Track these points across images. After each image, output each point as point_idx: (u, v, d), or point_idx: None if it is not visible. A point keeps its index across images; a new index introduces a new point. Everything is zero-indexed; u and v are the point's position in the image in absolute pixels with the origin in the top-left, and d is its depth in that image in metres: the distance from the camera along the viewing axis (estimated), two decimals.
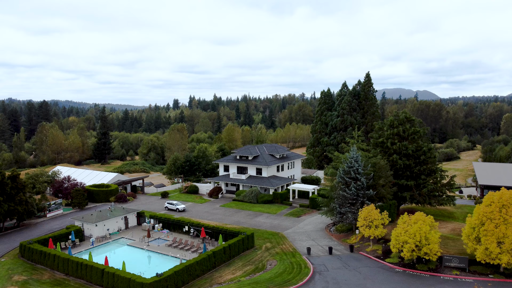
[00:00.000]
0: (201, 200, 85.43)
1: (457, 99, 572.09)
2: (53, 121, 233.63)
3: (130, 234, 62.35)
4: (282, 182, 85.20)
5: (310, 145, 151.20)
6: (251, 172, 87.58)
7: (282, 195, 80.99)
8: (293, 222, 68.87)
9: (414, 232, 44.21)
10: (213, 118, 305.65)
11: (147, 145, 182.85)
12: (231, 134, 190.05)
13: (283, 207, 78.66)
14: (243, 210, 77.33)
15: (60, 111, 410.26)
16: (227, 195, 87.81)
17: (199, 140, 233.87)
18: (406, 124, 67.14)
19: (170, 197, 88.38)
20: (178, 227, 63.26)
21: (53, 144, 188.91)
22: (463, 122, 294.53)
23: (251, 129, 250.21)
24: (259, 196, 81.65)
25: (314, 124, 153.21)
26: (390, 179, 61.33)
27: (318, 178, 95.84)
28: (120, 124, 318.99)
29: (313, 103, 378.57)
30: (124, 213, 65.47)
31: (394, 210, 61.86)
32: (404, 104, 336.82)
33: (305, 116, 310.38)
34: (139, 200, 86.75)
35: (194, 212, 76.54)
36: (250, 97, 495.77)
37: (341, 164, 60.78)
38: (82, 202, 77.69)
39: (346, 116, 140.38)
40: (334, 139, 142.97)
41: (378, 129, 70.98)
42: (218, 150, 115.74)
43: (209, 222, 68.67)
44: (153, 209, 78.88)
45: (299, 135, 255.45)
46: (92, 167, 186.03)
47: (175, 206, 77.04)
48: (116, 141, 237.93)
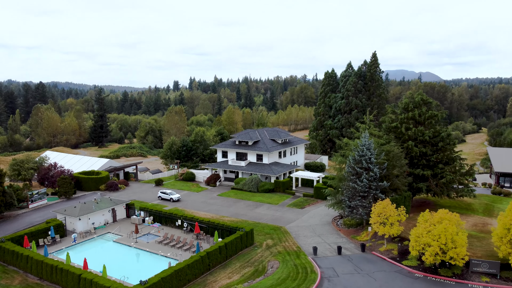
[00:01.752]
0: (198, 189, 79.12)
1: (460, 81, 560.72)
2: (49, 103, 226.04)
3: (117, 228, 56.17)
4: (284, 169, 78.69)
5: (313, 128, 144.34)
6: (251, 158, 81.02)
7: (284, 184, 74.57)
8: (296, 214, 62.62)
9: (438, 234, 37.78)
10: (213, 100, 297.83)
11: (145, 128, 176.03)
12: (231, 117, 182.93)
13: (285, 196, 72.33)
14: (242, 200, 71.05)
15: (59, 93, 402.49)
16: (225, 183, 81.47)
17: (199, 122, 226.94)
18: (422, 107, 60.12)
19: (164, 185, 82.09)
20: (171, 220, 57.05)
21: (48, 127, 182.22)
22: (468, 104, 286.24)
23: (252, 112, 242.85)
24: (259, 185, 75.27)
25: (317, 106, 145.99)
26: (405, 168, 54.70)
27: (322, 164, 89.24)
28: (119, 106, 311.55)
29: (315, 85, 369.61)
30: (111, 204, 59.20)
31: (409, 202, 55.41)
32: (408, 85, 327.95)
33: (307, 98, 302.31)
34: (131, 188, 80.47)
35: (190, 202, 70.29)
36: (251, 78, 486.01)
37: (351, 152, 54.11)
38: (69, 191, 71.45)
39: (351, 98, 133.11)
40: (338, 122, 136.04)
41: (391, 112, 64.00)
42: (216, 134, 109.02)
43: (204, 215, 62.45)
44: (146, 199, 72.67)
45: (301, 117, 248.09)
46: (89, 150, 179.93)
47: (169, 195, 70.77)
48: (115, 124, 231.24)
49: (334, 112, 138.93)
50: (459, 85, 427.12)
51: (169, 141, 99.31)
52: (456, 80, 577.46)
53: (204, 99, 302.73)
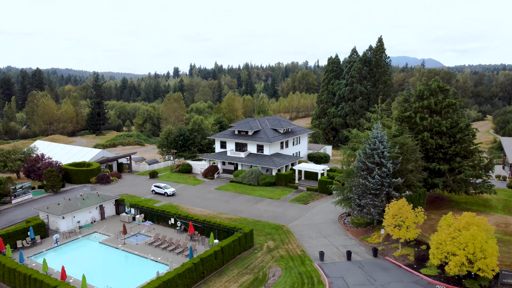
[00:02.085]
0: (194, 181, 73.98)
1: (463, 68, 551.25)
2: (45, 89, 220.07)
3: (105, 227, 51.15)
4: (287, 161, 73.43)
5: (316, 116, 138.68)
6: (251, 149, 75.71)
7: (286, 177, 69.39)
8: (299, 211, 57.57)
9: (465, 242, 32.64)
10: (213, 87, 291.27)
11: (143, 115, 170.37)
12: (231, 104, 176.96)
13: (287, 190, 67.22)
14: (241, 194, 65.95)
15: (58, 79, 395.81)
16: (223, 175, 76.31)
17: (199, 109, 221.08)
18: (439, 94, 54.52)
19: (159, 177, 76.98)
20: (163, 218, 52.02)
21: (44, 114, 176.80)
22: (472, 91, 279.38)
23: (253, 99, 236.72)
24: (260, 178, 70.12)
25: (320, 93, 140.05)
26: (420, 163, 49.36)
27: (326, 155, 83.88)
28: (118, 93, 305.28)
29: (317, 71, 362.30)
30: (99, 201, 54.12)
31: (424, 200, 50.23)
32: (411, 72, 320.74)
33: (308, 85, 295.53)
34: (124, 181, 75.38)
35: (185, 196, 65.24)
36: (252, 65, 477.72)
37: (361, 145, 48.74)
38: (56, 184, 66.41)
39: (355, 85, 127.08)
40: (342, 110, 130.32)
41: (403, 100, 58.39)
42: (215, 122, 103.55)
43: (201, 211, 57.40)
44: (139, 193, 67.63)
45: (303, 104, 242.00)
46: (86, 138, 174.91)
47: (164, 189, 65.69)
48: (113, 111, 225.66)
49: (337, 100, 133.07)
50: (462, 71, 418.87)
51: (165, 130, 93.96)
52: (459, 66, 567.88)
53: (204, 86, 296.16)
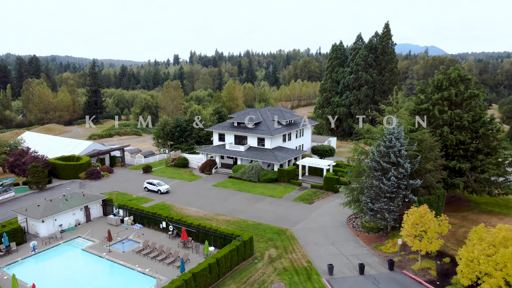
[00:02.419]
0: (191, 177, 68.67)
1: (466, 55, 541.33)
2: (41, 77, 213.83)
3: (89, 231, 46.01)
4: (289, 155, 68.00)
5: (319, 105, 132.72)
6: (252, 142, 70.24)
7: (289, 173, 64.05)
8: (304, 211, 52.38)
9: (504, 262, 27.41)
10: (214, 75, 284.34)
11: (140, 104, 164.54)
12: (231, 93, 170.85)
13: (290, 188, 61.95)
14: (240, 192, 60.70)
15: (56, 66, 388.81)
16: (222, 170, 70.98)
17: (198, 98, 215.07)
18: (460, 85, 48.74)
19: (153, 172, 71.72)
20: (154, 222, 46.85)
21: (39, 103, 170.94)
22: (477, 79, 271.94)
23: (254, 87, 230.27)
24: (261, 174, 64.81)
25: (323, 82, 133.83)
26: (440, 161, 43.90)
27: (332, 148, 78.33)
28: (117, 81, 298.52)
29: (319, 59, 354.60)
30: (84, 201, 48.91)
31: (443, 202, 44.89)
32: (415, 60, 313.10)
33: (310, 73, 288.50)
34: (115, 176, 70.10)
35: (180, 194, 60.01)
36: (253, 52, 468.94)
37: (374, 141, 43.28)
38: (41, 181, 61.21)
39: (360, 73, 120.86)
40: (346, 99, 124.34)
41: (419, 91, 52.67)
42: (214, 113, 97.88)
43: (196, 212, 52.17)
44: (131, 189, 62.42)
45: (305, 93, 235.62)
46: (83, 127, 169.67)
47: (157, 186, 60.45)
48: (111, 99, 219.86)
49: (341, 88, 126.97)
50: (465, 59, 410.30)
51: (161, 121, 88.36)
52: (462, 54, 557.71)
53: (204, 73, 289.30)
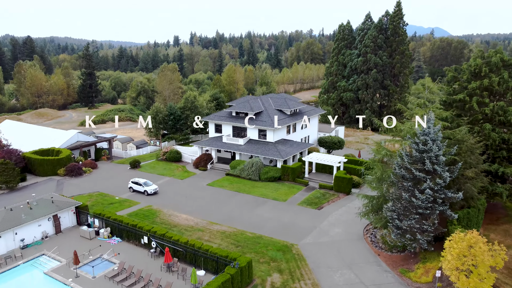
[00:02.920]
0: (183, 174, 60.42)
1: (471, 37, 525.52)
2: (34, 59, 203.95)
3: (56, 248, 37.99)
4: (294, 149, 59.53)
5: (324, 90, 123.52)
6: (252, 134, 61.73)
7: (294, 170, 55.69)
8: (312, 219, 44.30)
9: None
10: (214, 57, 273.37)
11: (136, 87, 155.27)
12: (231, 76, 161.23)
13: (295, 188, 53.72)
14: (239, 193, 52.51)
15: (54, 48, 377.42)
16: (218, 165, 62.67)
17: (198, 81, 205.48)
18: (502, 71, 39.84)
19: (142, 167, 63.45)
20: (135, 235, 38.86)
21: (32, 86, 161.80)
22: None
23: (255, 69, 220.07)
24: (262, 171, 56.51)
25: (329, 65, 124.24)
26: (481, 167, 35.41)
27: (340, 140, 69.70)
28: (115, 63, 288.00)
29: (322, 40, 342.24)
30: (53, 210, 40.82)
31: (482, 216, 36.65)
32: (421, 41, 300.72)
33: (313, 55, 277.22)
34: (99, 173, 61.88)
35: (169, 196, 51.88)
36: (254, 33, 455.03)
37: (403, 142, 34.78)
38: (11, 180, 53.08)
39: (369, 55, 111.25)
40: (353, 84, 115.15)
41: (451, 78, 43.79)
42: (211, 99, 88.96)
43: (186, 220, 44.05)
44: (114, 189, 54.28)
45: (308, 76, 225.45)
46: (78, 111, 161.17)
47: (143, 187, 52.26)
48: (108, 82, 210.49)
49: (349, 72, 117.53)
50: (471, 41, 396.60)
51: (153, 109, 79.70)
52: (467, 36, 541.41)
53: (204, 55, 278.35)
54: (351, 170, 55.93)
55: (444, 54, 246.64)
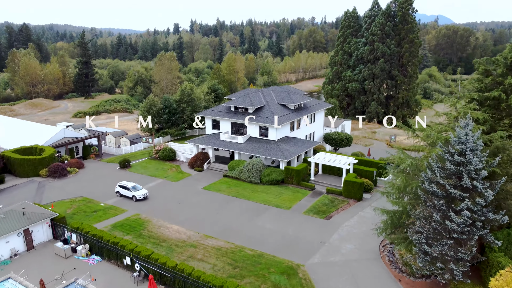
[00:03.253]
0: (177, 175, 54.75)
1: (475, 25, 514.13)
2: (29, 47, 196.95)
3: (24, 271, 32.56)
4: (299, 148, 53.72)
5: (328, 80, 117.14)
6: (252, 131, 55.89)
7: (299, 173, 49.96)
8: (320, 232, 38.80)
9: None
10: (214, 45, 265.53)
11: (133, 77, 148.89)
12: (232, 65, 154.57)
13: (300, 193, 48.09)
14: (237, 198, 46.94)
15: (53, 35, 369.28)
16: (216, 165, 56.97)
17: (198, 70, 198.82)
18: None
19: (133, 167, 57.80)
20: (117, 254, 33.38)
21: (26, 75, 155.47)
22: (492, 50, 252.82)
23: (256, 58, 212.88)
24: (263, 173, 50.83)
25: (334, 54, 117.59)
26: None
27: (348, 137, 63.80)
28: (114, 51, 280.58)
29: (324, 28, 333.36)
30: (23, 223, 35.30)
31: None
32: (426, 29, 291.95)
33: (316, 43, 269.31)
34: (85, 173, 56.24)
35: (160, 202, 46.32)
36: (255, 21, 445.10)
37: (431, 149, 28.96)
38: None
39: (377, 43, 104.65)
40: (359, 74, 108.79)
41: (482, 72, 37.73)
42: (209, 91, 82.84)
43: (177, 232, 38.48)
44: (100, 194, 48.71)
45: (310, 64, 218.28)
46: (74, 101, 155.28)
47: (131, 192, 46.66)
48: (106, 70, 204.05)
49: (354, 61, 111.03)
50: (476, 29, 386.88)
51: (146, 102, 73.74)
52: (471, 23, 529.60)
53: (204, 43, 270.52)
54: (362, 172, 50.23)
55: (450, 43, 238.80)
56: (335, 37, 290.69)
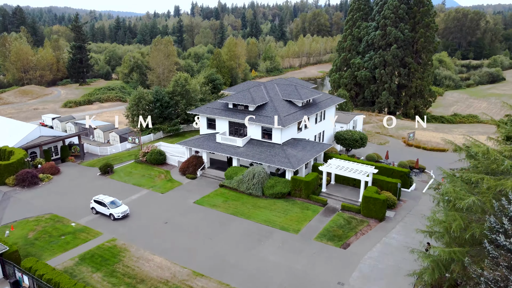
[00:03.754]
0: (166, 184, 46.45)
1: (482, 7, 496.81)
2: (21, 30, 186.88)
3: None
4: (308, 154, 45.21)
5: (335, 68, 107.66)
6: (253, 133, 47.37)
7: (308, 184, 41.55)
8: (336, 267, 30.73)
9: None
10: (215, 28, 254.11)
11: (129, 63, 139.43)
12: (232, 50, 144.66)
13: (310, 210, 39.85)
14: (235, 217, 38.78)
15: (50, 18, 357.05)
16: (211, 171, 48.63)
17: (197, 55, 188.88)
18: None
19: (116, 173, 49.51)
20: None
21: (17, 61, 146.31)
22: (503, 34, 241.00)
23: (258, 42, 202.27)
24: (266, 185, 42.56)
25: (342, 39, 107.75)
26: None
27: (362, 136, 54.88)
28: (112, 34, 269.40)
29: (328, 10, 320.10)
30: None
31: None
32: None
33: (320, 27, 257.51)
34: (60, 181, 47.99)
35: (143, 221, 38.21)
36: (257, 3, 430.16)
37: (503, 180, 20.53)
38: None
39: (389, 28, 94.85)
40: (370, 61, 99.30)
41: None
42: (206, 81, 73.76)
43: (159, 268, 30.30)
44: (74, 209, 40.60)
45: (314, 49, 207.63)
46: (68, 88, 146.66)
47: (109, 209, 38.49)
48: (103, 55, 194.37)
49: (364, 47, 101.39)
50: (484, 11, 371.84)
51: (135, 94, 64.99)
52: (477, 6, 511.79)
53: (205, 26, 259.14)
54: (383, 184, 41.92)
55: (459, 26, 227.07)
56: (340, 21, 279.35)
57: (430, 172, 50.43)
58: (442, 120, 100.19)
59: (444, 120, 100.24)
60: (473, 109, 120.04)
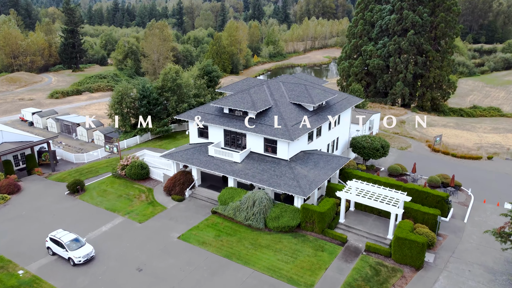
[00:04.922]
0: (145, 209, 37.11)
1: None
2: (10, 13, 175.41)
3: None
4: (322, 172, 35.68)
5: (345, 55, 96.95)
6: (254, 144, 37.80)
7: (323, 217, 32.12)
8: None
9: None
10: (216, 10, 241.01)
11: (123, 48, 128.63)
12: (233, 34, 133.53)
13: (326, 251, 30.62)
14: (230, 261, 29.62)
15: (48, 1, 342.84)
16: (202, 191, 39.24)
17: (197, 39, 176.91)
18: None
19: (87, 192, 40.21)
20: None
21: (5, 46, 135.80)
22: None
23: (261, 25, 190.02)
24: (269, 214, 33.26)
25: (353, 24, 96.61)
26: None
27: (385, 144, 45.16)
28: (110, 17, 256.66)
29: None
30: None
31: None
32: None
33: (325, 9, 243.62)
34: (18, 203, 38.64)
35: (111, 267, 29.09)
36: None
37: None
38: None
39: (406, 11, 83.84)
40: (383, 48, 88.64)
41: None
42: (201, 74, 63.38)
43: None
44: (24, 249, 31.48)
45: (320, 33, 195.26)
46: (60, 74, 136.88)
47: (67, 251, 29.36)
48: (99, 39, 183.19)
49: (377, 33, 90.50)
50: None
51: (117, 89, 55.14)
52: None
53: (205, 9, 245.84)
54: (417, 215, 32.58)
55: (471, 8, 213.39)
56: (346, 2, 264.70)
57: (468, 191, 40.96)
58: (461, 113, 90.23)
59: (463, 113, 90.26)
60: (491, 99, 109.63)
